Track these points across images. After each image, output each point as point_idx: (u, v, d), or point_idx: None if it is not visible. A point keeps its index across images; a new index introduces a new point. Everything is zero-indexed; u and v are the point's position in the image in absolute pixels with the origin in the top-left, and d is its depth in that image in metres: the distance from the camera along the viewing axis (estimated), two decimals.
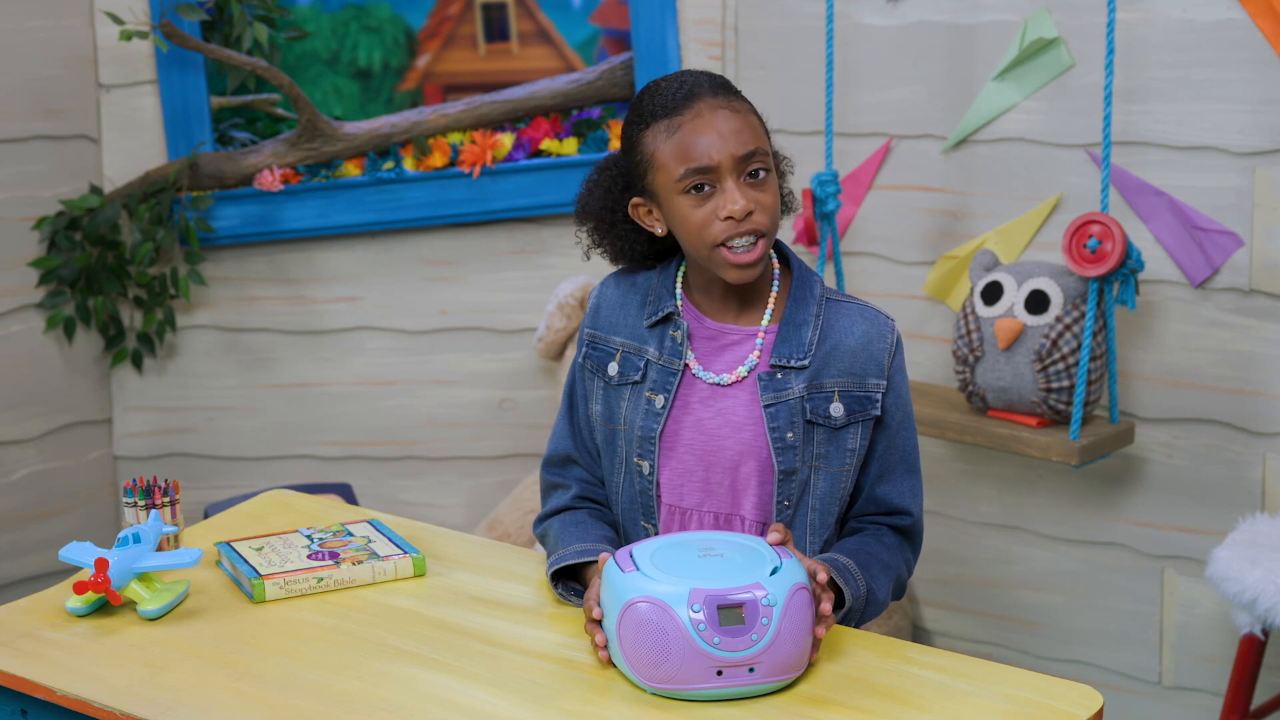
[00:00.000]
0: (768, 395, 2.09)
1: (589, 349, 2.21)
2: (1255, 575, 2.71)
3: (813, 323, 2.12)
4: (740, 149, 2.04)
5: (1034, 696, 1.85)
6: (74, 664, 1.94)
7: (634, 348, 2.16)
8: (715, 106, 2.06)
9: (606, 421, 2.18)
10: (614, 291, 2.23)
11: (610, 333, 2.20)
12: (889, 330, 2.14)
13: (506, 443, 3.80)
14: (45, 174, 3.58)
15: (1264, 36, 2.97)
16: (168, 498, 2.29)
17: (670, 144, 2.06)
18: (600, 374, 2.19)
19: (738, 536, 1.96)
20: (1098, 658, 3.36)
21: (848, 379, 2.11)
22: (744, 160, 2.05)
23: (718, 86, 2.09)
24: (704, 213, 2.05)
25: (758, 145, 2.06)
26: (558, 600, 2.10)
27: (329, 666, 1.92)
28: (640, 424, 2.13)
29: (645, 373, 2.14)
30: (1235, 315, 3.08)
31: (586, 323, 2.23)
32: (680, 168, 2.05)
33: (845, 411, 2.10)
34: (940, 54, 3.37)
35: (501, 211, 3.66)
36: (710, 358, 2.14)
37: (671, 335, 2.14)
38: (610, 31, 3.76)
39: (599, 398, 2.19)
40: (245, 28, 3.44)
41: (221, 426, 3.81)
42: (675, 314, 2.15)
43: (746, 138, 2.05)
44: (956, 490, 3.49)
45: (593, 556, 2.07)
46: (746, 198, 2.04)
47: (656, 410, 2.12)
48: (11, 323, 3.57)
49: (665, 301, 2.16)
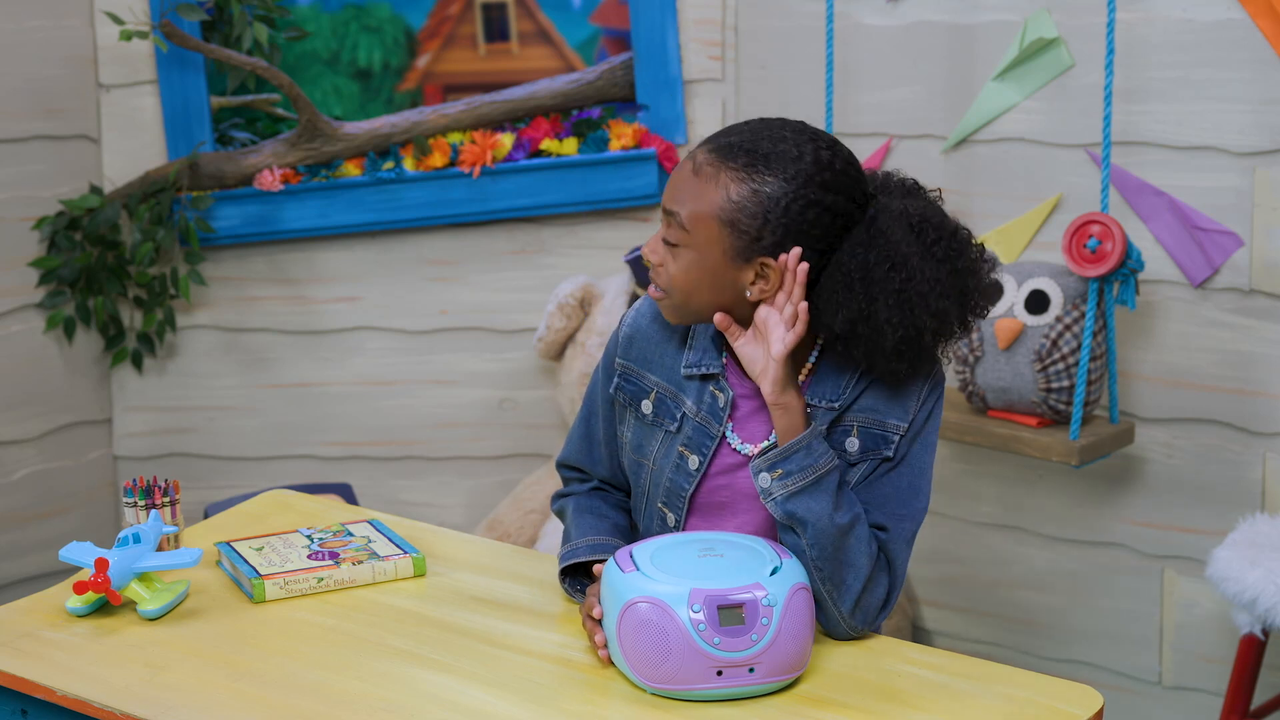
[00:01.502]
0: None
1: (622, 380, 2.14)
2: (1255, 575, 2.72)
3: (854, 369, 2.03)
4: (670, 201, 2.00)
5: (1034, 696, 1.85)
6: (74, 664, 1.95)
7: (671, 393, 2.09)
8: (694, 160, 1.99)
9: (636, 452, 2.13)
10: (650, 324, 2.13)
11: (644, 368, 2.12)
12: (925, 376, 2.03)
13: (506, 443, 3.80)
14: (45, 174, 3.58)
15: (1264, 36, 2.97)
16: (168, 498, 2.29)
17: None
18: (633, 408, 2.13)
19: (738, 537, 1.96)
20: (1098, 658, 3.36)
21: (869, 416, 2.03)
22: (666, 215, 2.00)
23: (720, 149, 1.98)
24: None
25: (679, 209, 1.97)
26: (557, 600, 2.10)
27: (329, 666, 1.92)
28: (670, 477, 2.08)
29: (681, 425, 2.08)
30: (1235, 315, 3.08)
31: (619, 351, 2.14)
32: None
33: (860, 449, 2.03)
34: (940, 54, 3.37)
35: (501, 211, 3.66)
36: (746, 421, 2.07)
37: (713, 394, 2.06)
38: (610, 31, 3.76)
39: (631, 427, 2.14)
40: (245, 28, 3.44)
41: (221, 426, 3.81)
42: (720, 376, 2.07)
43: (680, 195, 1.98)
44: (956, 490, 3.49)
45: (603, 554, 2.05)
46: (653, 247, 2.02)
47: (689, 471, 2.07)
48: (11, 323, 3.57)
49: (709, 357, 2.07)
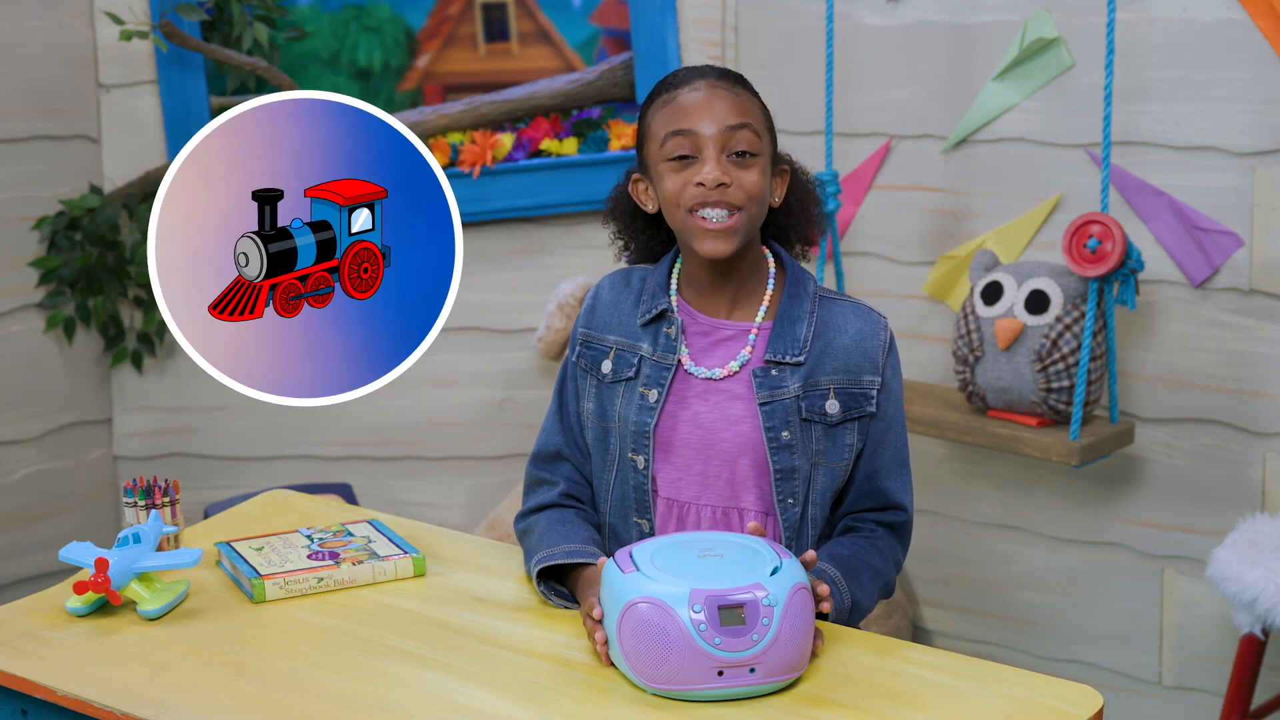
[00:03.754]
0: (763, 393, 2.10)
1: (583, 347, 2.22)
2: (1255, 575, 2.72)
3: (807, 319, 2.13)
4: (727, 119, 2.06)
5: (1034, 696, 1.85)
6: (74, 664, 1.94)
7: (628, 345, 2.17)
8: (714, 86, 2.09)
9: (599, 419, 2.18)
10: (609, 291, 2.23)
11: (604, 331, 2.20)
12: (882, 328, 2.15)
13: (506, 443, 3.80)
14: (45, 174, 3.58)
15: (1264, 36, 2.97)
16: (168, 498, 2.29)
17: (663, 112, 2.10)
18: (593, 372, 2.19)
19: (738, 537, 1.96)
20: (1098, 658, 3.36)
21: (843, 376, 2.12)
22: (728, 132, 2.07)
23: (725, 74, 2.12)
24: (680, 179, 2.08)
25: (747, 120, 2.08)
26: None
27: (329, 666, 1.92)
28: (634, 419, 2.13)
29: (639, 369, 2.15)
30: (1235, 315, 3.08)
31: (581, 322, 2.24)
32: (665, 130, 2.08)
33: (841, 408, 2.12)
34: (940, 54, 3.37)
35: (501, 211, 3.66)
36: (704, 353, 2.15)
37: (665, 332, 2.15)
38: (610, 31, 3.76)
39: (591, 395, 2.19)
40: (245, 28, 3.44)
41: (221, 426, 3.81)
42: (669, 311, 2.15)
43: (736, 113, 2.08)
44: (956, 490, 3.49)
45: (581, 558, 2.07)
46: (723, 170, 2.05)
47: (650, 405, 2.13)
48: (11, 323, 3.57)
49: (659, 299, 2.17)
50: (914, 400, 3.26)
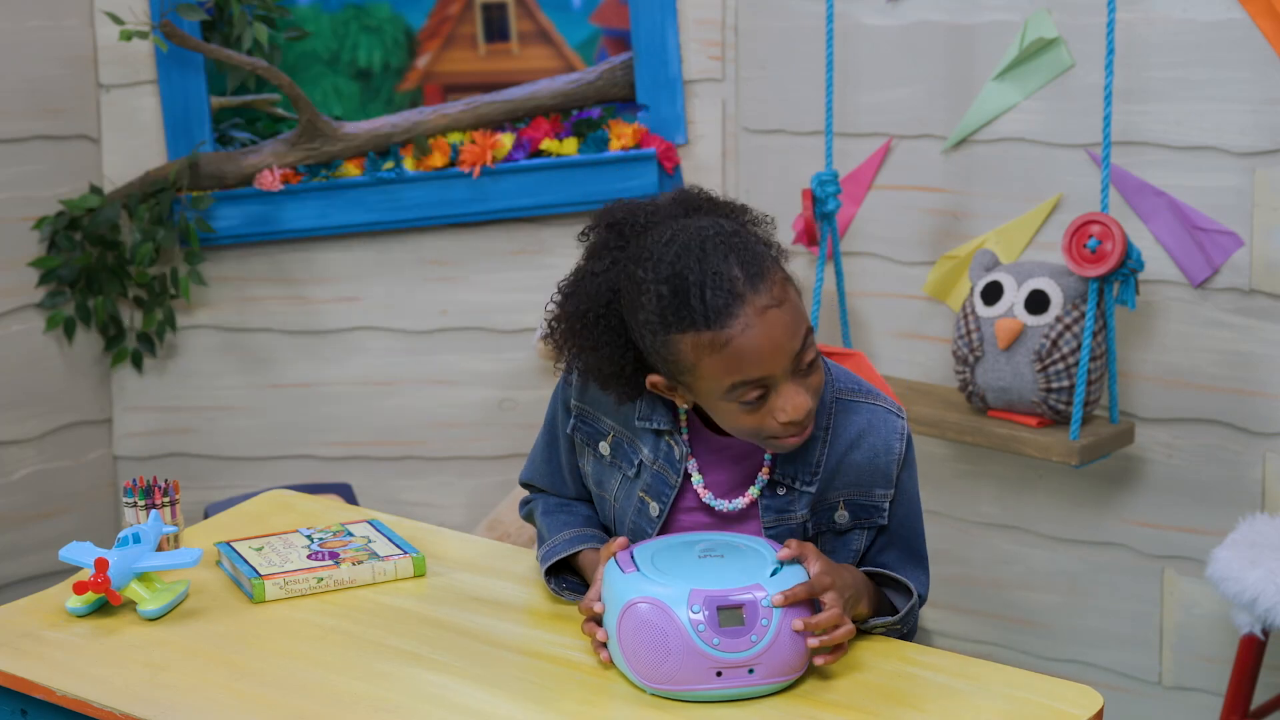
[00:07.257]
0: (769, 516, 2.01)
1: (579, 422, 2.09)
2: (1255, 575, 2.71)
3: (822, 437, 1.99)
4: (792, 344, 1.85)
5: (1034, 696, 1.85)
6: (74, 664, 1.95)
7: (627, 437, 2.05)
8: (762, 308, 1.83)
9: (598, 487, 2.11)
10: None
11: (600, 411, 2.06)
12: (897, 437, 2.00)
13: (506, 443, 3.80)
14: (45, 174, 3.58)
15: (1264, 36, 2.97)
16: (168, 498, 2.29)
17: (718, 359, 1.84)
18: (591, 447, 2.09)
19: (738, 538, 1.96)
20: (1098, 658, 3.36)
21: (854, 490, 2.01)
22: (798, 356, 1.87)
23: (756, 276, 1.84)
24: (758, 416, 1.89)
25: (803, 322, 1.86)
26: (557, 600, 2.10)
27: (329, 666, 1.92)
28: (633, 520, 2.06)
29: (640, 471, 2.05)
30: (1235, 315, 3.08)
31: (574, 394, 2.08)
32: (730, 380, 1.85)
33: (851, 518, 2.02)
34: (940, 54, 3.37)
35: (501, 211, 3.66)
36: (713, 468, 2.03)
37: (668, 443, 2.02)
38: (610, 31, 3.76)
39: (591, 463, 2.10)
40: (245, 28, 3.44)
41: (221, 426, 3.81)
42: (671, 431, 2.01)
43: (795, 326, 1.85)
44: (956, 490, 3.49)
45: (581, 545, 2.06)
46: (805, 394, 1.88)
47: (651, 516, 2.04)
48: (11, 323, 3.57)
49: (659, 416, 2.01)
50: (914, 400, 3.26)
